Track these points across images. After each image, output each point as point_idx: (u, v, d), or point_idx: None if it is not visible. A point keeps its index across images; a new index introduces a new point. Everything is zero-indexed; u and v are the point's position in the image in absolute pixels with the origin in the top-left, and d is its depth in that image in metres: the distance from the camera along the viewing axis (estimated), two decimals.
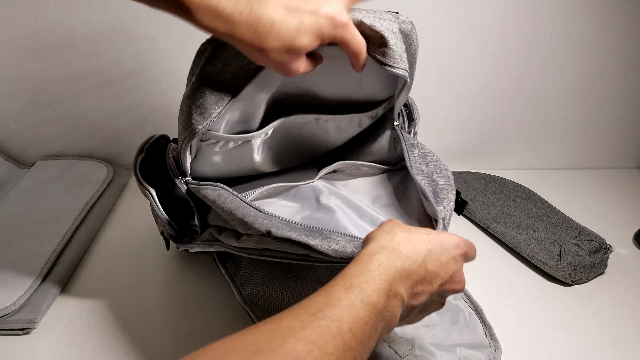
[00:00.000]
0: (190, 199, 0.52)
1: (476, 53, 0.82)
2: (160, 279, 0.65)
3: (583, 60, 0.84)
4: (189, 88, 0.44)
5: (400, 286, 0.34)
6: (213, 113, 0.44)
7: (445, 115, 0.90)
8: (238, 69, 0.43)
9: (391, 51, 0.44)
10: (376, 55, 0.44)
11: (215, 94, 0.43)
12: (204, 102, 0.43)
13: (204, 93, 0.43)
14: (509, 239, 0.73)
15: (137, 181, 0.55)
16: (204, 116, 0.44)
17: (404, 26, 0.45)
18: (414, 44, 0.47)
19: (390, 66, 0.45)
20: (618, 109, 0.91)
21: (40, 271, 0.62)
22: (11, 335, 0.56)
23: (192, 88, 0.43)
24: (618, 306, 0.64)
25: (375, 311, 0.31)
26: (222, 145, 0.51)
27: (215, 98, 0.43)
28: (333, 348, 0.28)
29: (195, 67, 0.44)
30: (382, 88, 0.56)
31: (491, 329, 0.56)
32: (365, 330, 0.30)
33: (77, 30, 0.75)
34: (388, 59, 0.44)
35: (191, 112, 0.44)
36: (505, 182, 0.86)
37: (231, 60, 0.43)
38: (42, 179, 0.82)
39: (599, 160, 0.99)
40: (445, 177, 0.53)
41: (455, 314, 0.58)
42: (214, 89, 0.43)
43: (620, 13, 0.79)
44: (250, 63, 0.43)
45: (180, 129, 0.47)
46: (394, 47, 0.44)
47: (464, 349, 0.53)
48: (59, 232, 0.69)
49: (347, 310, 0.30)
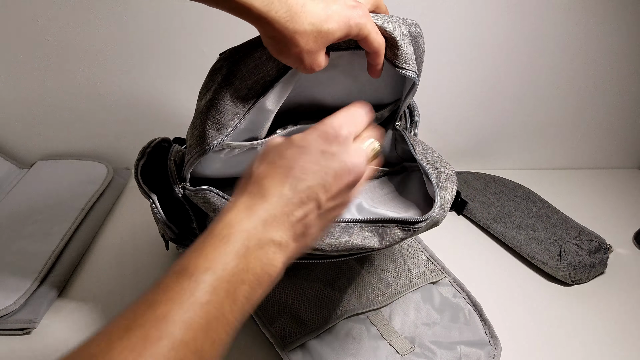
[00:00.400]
0: (187, 204, 0.52)
1: (476, 53, 0.82)
2: None
3: (583, 60, 0.84)
4: (204, 103, 0.44)
5: (272, 232, 0.31)
6: (229, 128, 0.44)
7: (446, 115, 0.90)
8: (254, 83, 0.43)
9: (402, 53, 0.44)
10: (388, 57, 0.44)
11: (232, 109, 0.43)
12: (220, 118, 0.43)
13: (221, 109, 0.43)
14: (509, 239, 0.73)
15: (138, 186, 0.54)
16: (220, 132, 0.44)
17: (412, 29, 0.45)
18: (421, 46, 0.48)
19: (401, 68, 0.45)
20: (618, 109, 0.91)
21: (40, 271, 0.62)
22: (11, 335, 0.56)
23: (208, 104, 0.43)
24: (618, 306, 0.64)
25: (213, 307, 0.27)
26: (227, 152, 0.51)
27: (231, 114, 0.43)
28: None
29: (211, 83, 0.43)
30: (389, 92, 0.56)
31: (491, 327, 0.56)
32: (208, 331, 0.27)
33: (77, 30, 0.75)
34: (399, 60, 0.45)
35: (206, 128, 0.44)
36: (505, 182, 0.86)
37: (247, 76, 0.43)
38: (42, 179, 0.82)
39: (599, 160, 0.99)
40: (449, 168, 0.53)
41: (455, 312, 0.58)
42: (231, 104, 0.43)
43: (620, 13, 0.79)
44: (265, 76, 0.43)
45: (193, 142, 0.46)
46: (404, 49, 0.44)
47: (464, 346, 0.53)
48: (59, 232, 0.69)
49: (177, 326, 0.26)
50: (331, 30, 0.37)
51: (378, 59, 0.43)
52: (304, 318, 0.55)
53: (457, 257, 0.69)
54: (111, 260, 0.69)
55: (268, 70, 0.43)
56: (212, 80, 0.43)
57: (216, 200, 0.47)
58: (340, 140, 0.33)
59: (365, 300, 0.58)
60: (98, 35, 0.76)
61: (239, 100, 0.43)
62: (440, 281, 0.63)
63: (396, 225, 0.44)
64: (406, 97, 0.53)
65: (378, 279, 0.61)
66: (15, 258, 0.64)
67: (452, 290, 0.61)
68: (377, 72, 0.44)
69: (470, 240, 0.76)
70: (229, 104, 0.43)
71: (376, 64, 0.43)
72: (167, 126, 0.87)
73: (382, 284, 0.61)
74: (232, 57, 0.43)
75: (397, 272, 0.62)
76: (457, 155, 0.95)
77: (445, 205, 0.49)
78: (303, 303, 0.56)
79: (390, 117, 0.60)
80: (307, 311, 0.55)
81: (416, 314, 0.58)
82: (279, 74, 0.43)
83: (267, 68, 0.43)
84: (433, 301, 0.60)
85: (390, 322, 0.56)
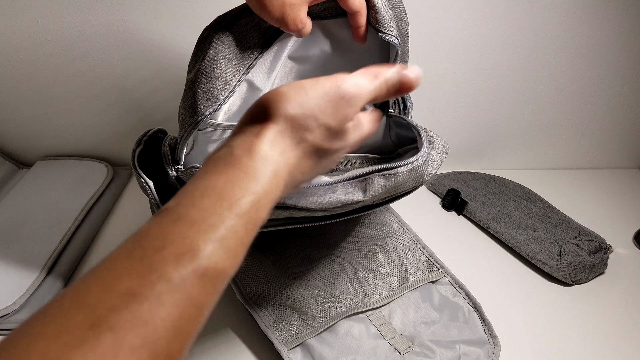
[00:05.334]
0: (179, 186, 0.51)
1: (476, 53, 0.82)
2: None
3: (583, 60, 0.84)
4: (194, 74, 0.44)
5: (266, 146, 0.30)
6: (220, 98, 0.43)
7: (446, 115, 0.90)
8: (242, 52, 0.43)
9: (380, 16, 0.44)
10: (370, 22, 0.45)
11: (221, 78, 0.43)
12: (211, 88, 0.43)
13: (211, 78, 0.43)
14: (509, 239, 0.73)
15: (135, 173, 0.54)
16: (211, 101, 0.43)
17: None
18: (404, 19, 0.47)
19: (382, 32, 0.45)
20: (618, 109, 0.91)
21: (41, 271, 0.62)
22: None
23: (198, 74, 0.43)
24: (618, 306, 0.64)
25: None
26: (219, 133, 0.50)
27: (221, 83, 0.43)
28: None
29: (199, 53, 0.43)
30: None
31: (490, 326, 0.56)
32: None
33: (77, 30, 0.76)
34: (379, 24, 0.45)
35: (197, 98, 0.43)
36: (505, 182, 0.86)
37: (235, 44, 0.43)
38: (42, 179, 0.82)
39: (599, 160, 0.99)
40: (442, 140, 0.53)
41: (455, 311, 0.58)
42: (221, 73, 0.43)
43: (620, 13, 0.79)
44: (252, 46, 0.43)
45: (185, 115, 0.46)
46: (382, 12, 0.44)
47: (463, 345, 0.53)
48: (59, 232, 0.69)
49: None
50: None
51: (360, 19, 0.42)
52: (304, 317, 0.55)
53: (457, 257, 0.69)
54: None
55: (255, 40, 0.43)
56: (200, 50, 0.43)
57: None
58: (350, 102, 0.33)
59: (364, 299, 0.58)
60: (98, 35, 0.76)
61: (228, 70, 0.43)
62: (440, 280, 0.63)
63: (378, 175, 0.43)
64: None
65: (377, 278, 0.61)
66: (16, 258, 0.64)
67: (451, 289, 0.61)
68: (362, 35, 0.44)
69: (470, 240, 0.76)
70: (219, 72, 0.43)
71: (359, 26, 0.43)
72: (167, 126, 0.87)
73: (381, 283, 0.61)
74: (218, 25, 0.42)
75: (396, 271, 0.62)
76: (457, 155, 0.95)
77: (434, 163, 0.48)
78: (302, 302, 0.56)
79: (383, 104, 0.60)
80: (307, 310, 0.55)
81: (415, 313, 0.58)
82: (265, 44, 0.43)
83: (253, 38, 0.43)
84: (432, 300, 0.60)
85: (390, 321, 0.56)
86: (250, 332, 0.56)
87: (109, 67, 0.80)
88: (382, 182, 0.43)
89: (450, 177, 0.89)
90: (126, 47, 0.78)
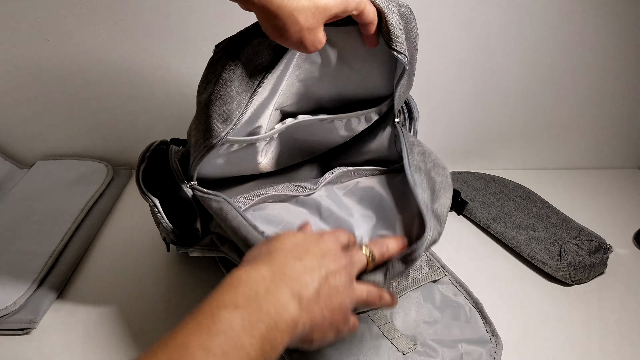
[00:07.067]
0: (195, 204, 0.52)
1: (476, 53, 0.82)
2: (161, 279, 0.65)
3: (583, 60, 0.84)
4: (207, 97, 0.43)
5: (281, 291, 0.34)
6: (235, 118, 0.44)
7: (446, 115, 0.90)
8: (253, 69, 0.43)
9: (391, 29, 0.44)
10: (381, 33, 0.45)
11: (236, 99, 0.43)
12: (226, 110, 0.43)
13: (225, 100, 0.43)
14: (509, 239, 0.73)
15: (139, 191, 0.54)
16: (226, 123, 0.44)
17: (403, 9, 0.45)
18: (414, 30, 0.47)
19: (392, 47, 0.45)
20: (618, 109, 0.91)
21: (40, 271, 0.62)
22: (11, 335, 0.56)
23: (212, 97, 0.43)
24: (618, 306, 0.64)
25: None
26: (226, 147, 0.50)
27: (236, 104, 0.43)
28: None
29: (211, 75, 0.43)
30: (384, 83, 0.56)
31: (492, 325, 0.56)
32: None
33: (77, 30, 0.75)
34: (390, 39, 0.45)
35: (212, 121, 0.43)
36: (505, 182, 0.86)
37: (247, 64, 0.42)
38: (42, 179, 0.82)
39: (599, 160, 0.99)
40: (443, 175, 0.53)
41: (456, 310, 0.58)
42: (235, 94, 0.43)
43: (620, 13, 0.79)
44: (263, 62, 0.43)
45: (199, 137, 0.45)
46: (393, 26, 0.44)
47: (465, 344, 0.53)
48: (59, 232, 0.69)
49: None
50: (329, 5, 0.38)
51: (372, 26, 0.43)
52: None
53: (457, 257, 0.69)
54: (111, 260, 0.69)
55: (266, 57, 0.43)
56: (211, 72, 0.43)
57: (229, 210, 0.47)
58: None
59: None
60: (98, 35, 0.76)
61: (241, 89, 0.43)
62: (441, 280, 0.63)
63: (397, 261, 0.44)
64: (398, 83, 0.53)
65: None
66: (15, 258, 0.64)
67: (452, 288, 0.61)
68: (373, 40, 0.45)
69: (470, 240, 0.76)
70: (233, 94, 0.43)
71: (370, 32, 0.44)
72: (167, 126, 0.87)
73: None
74: (231, 47, 0.42)
75: None
76: (457, 155, 0.95)
77: (442, 219, 0.49)
78: None
79: (388, 112, 0.60)
80: None
81: (417, 312, 0.58)
82: (275, 58, 0.43)
83: (264, 55, 0.43)
84: (434, 299, 0.60)
85: (392, 320, 0.56)
86: None
87: (109, 67, 0.80)
88: (400, 267, 0.44)
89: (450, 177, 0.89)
90: (126, 47, 0.78)
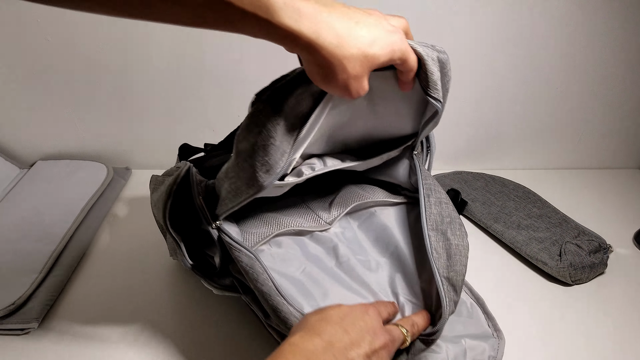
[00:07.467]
0: (218, 245, 0.50)
1: (476, 53, 0.82)
2: (160, 278, 0.65)
3: (583, 60, 0.84)
4: (249, 147, 0.42)
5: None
6: (279, 168, 0.43)
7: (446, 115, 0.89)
8: (294, 118, 0.42)
9: (430, 76, 0.44)
10: (419, 78, 0.45)
11: (279, 150, 0.43)
12: (269, 160, 0.42)
13: (269, 152, 0.42)
14: (509, 239, 0.73)
15: (165, 228, 0.51)
16: (269, 173, 0.43)
17: (441, 55, 0.45)
18: (448, 74, 0.47)
19: (429, 93, 0.45)
20: (618, 109, 0.91)
21: (40, 271, 0.62)
22: (11, 335, 0.56)
23: (255, 147, 0.42)
24: (618, 306, 0.64)
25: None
26: None
27: (279, 154, 0.43)
28: None
29: (252, 125, 0.42)
30: (411, 125, 0.56)
31: (494, 320, 0.56)
32: None
33: (77, 30, 0.75)
34: (428, 85, 0.45)
35: (256, 171, 0.43)
36: (505, 182, 0.86)
37: (289, 113, 0.42)
38: (42, 179, 0.82)
39: (599, 160, 0.99)
40: (459, 235, 0.53)
41: (458, 306, 0.58)
42: (279, 145, 0.42)
43: (620, 13, 0.79)
44: (303, 109, 0.42)
45: (240, 184, 0.45)
46: (432, 74, 0.44)
47: (468, 339, 0.53)
48: (59, 232, 0.69)
49: None
50: (377, 54, 0.37)
51: (412, 74, 0.43)
52: None
53: None
54: (111, 261, 0.69)
55: (307, 104, 0.42)
56: (253, 122, 0.42)
57: (260, 272, 0.47)
58: None
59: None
60: (98, 35, 0.76)
61: (285, 140, 0.43)
62: None
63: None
64: (426, 125, 0.53)
65: None
66: (16, 258, 0.64)
67: None
68: (410, 86, 0.45)
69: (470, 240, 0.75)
70: (277, 144, 0.42)
71: (409, 79, 0.44)
72: (167, 126, 0.88)
73: None
74: (275, 98, 0.41)
75: None
76: (457, 155, 0.95)
77: (457, 288, 0.50)
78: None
79: (409, 146, 0.60)
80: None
81: None
82: (314, 106, 0.43)
83: (306, 103, 0.42)
84: None
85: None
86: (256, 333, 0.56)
87: (108, 67, 0.80)
88: (421, 346, 0.47)
89: (450, 177, 0.89)
90: (127, 49, 0.78)
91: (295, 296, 0.51)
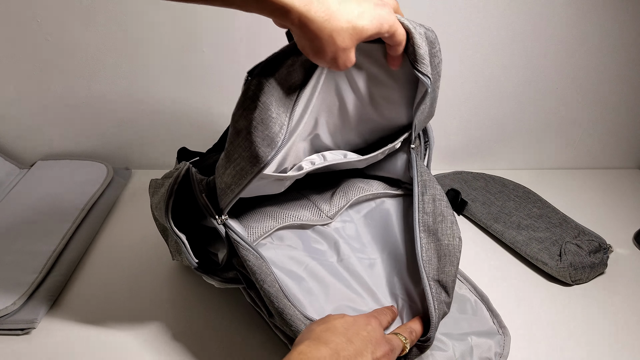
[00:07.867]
0: (226, 241, 0.50)
1: (476, 53, 0.82)
2: (160, 278, 0.65)
3: (583, 60, 0.84)
4: (248, 123, 0.43)
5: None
6: (279, 140, 0.43)
7: (446, 115, 0.90)
8: (288, 89, 0.43)
9: (418, 49, 0.45)
10: (407, 53, 0.45)
11: (277, 121, 0.43)
12: (269, 133, 0.42)
13: (267, 124, 0.42)
14: (509, 239, 0.73)
15: (168, 226, 0.51)
16: (271, 146, 0.43)
17: (429, 32, 0.46)
18: (438, 55, 0.48)
19: (417, 68, 0.46)
20: (618, 109, 0.91)
21: (41, 271, 0.62)
22: (11, 335, 0.56)
23: (253, 123, 0.42)
24: (618, 306, 0.64)
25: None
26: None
27: (278, 126, 0.43)
28: None
29: (248, 101, 0.42)
30: (405, 112, 0.56)
31: (499, 317, 0.57)
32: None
33: (77, 30, 0.75)
34: (416, 59, 0.45)
35: (257, 147, 0.43)
36: (505, 182, 0.86)
37: (283, 84, 0.42)
38: (42, 179, 0.82)
39: (599, 160, 0.99)
40: (450, 234, 0.53)
41: (463, 304, 0.58)
42: (275, 117, 0.42)
43: (620, 13, 0.79)
44: (296, 81, 0.43)
45: (245, 165, 0.44)
46: (419, 47, 0.45)
47: (475, 337, 0.53)
48: (59, 232, 0.69)
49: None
50: (365, 27, 0.39)
51: (400, 48, 0.44)
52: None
53: None
54: (111, 260, 0.69)
55: (299, 76, 0.43)
56: (249, 98, 0.42)
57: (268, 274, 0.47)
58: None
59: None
60: (98, 35, 0.76)
61: (281, 110, 0.43)
62: None
63: None
64: (418, 107, 0.53)
65: None
66: (15, 258, 0.64)
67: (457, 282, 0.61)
68: (398, 62, 0.46)
69: (470, 240, 0.76)
70: (274, 117, 0.42)
71: (397, 53, 0.45)
72: (167, 126, 0.88)
73: None
74: (266, 71, 0.42)
75: None
76: (457, 155, 0.95)
77: (449, 289, 0.50)
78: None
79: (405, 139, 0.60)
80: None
81: None
82: (306, 77, 0.43)
83: (298, 74, 0.43)
84: None
85: None
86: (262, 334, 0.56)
87: (108, 67, 0.80)
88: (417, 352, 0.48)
89: (450, 177, 0.89)
90: (127, 48, 0.78)
91: (297, 295, 0.51)
